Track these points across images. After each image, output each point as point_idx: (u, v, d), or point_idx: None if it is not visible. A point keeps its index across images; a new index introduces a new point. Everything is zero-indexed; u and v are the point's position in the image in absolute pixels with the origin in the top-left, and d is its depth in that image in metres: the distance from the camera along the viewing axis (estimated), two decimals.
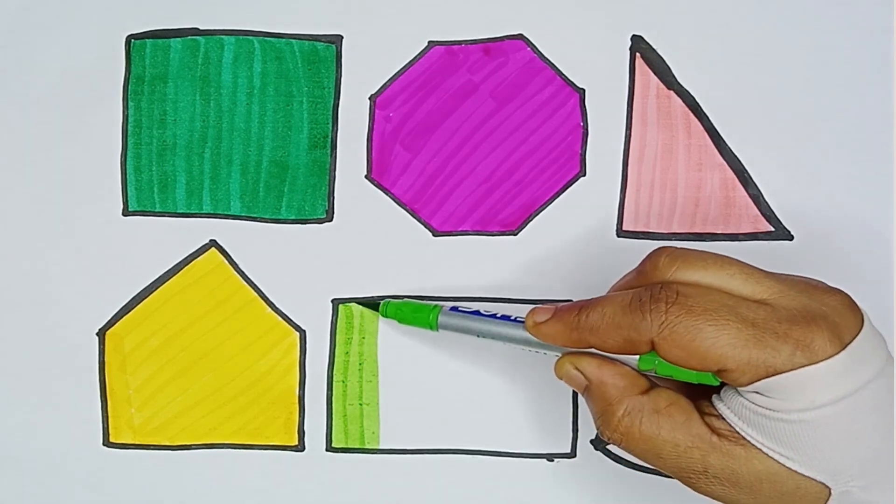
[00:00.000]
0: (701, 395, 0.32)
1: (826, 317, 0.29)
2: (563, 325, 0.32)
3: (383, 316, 0.39)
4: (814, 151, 0.40)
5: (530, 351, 0.35)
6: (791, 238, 0.40)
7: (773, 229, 0.40)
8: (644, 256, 0.32)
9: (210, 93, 0.41)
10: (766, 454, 0.29)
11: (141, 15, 0.40)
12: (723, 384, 0.31)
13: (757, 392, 0.29)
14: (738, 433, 0.29)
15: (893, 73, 0.40)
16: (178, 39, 0.41)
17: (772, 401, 0.29)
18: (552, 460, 0.41)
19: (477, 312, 0.36)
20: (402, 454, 0.41)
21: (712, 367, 0.29)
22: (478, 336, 0.36)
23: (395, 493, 0.41)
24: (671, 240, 0.40)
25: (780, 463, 0.29)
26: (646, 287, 0.31)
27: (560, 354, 0.33)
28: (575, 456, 0.41)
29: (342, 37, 0.40)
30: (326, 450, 0.41)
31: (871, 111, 0.40)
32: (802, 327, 0.28)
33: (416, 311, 0.38)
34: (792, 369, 0.28)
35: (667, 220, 0.40)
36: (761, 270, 0.31)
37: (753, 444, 0.29)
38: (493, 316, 0.36)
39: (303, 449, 0.41)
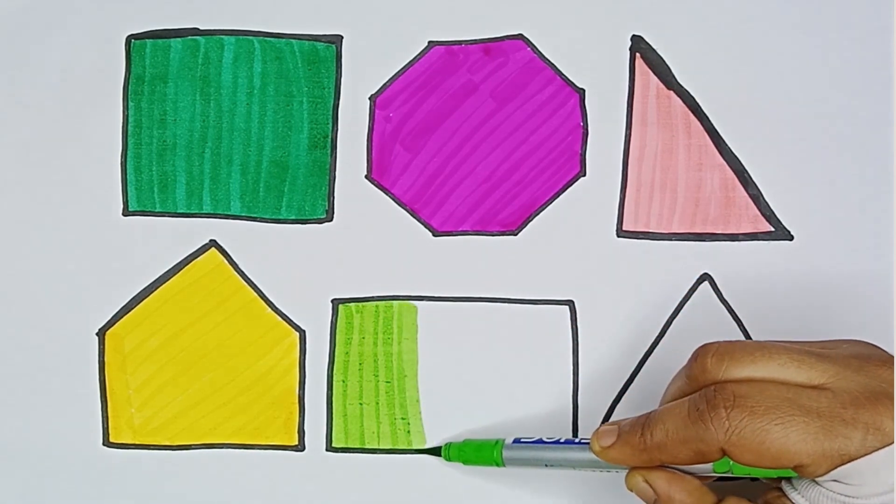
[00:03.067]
0: (771, 483, 0.32)
1: (888, 394, 0.29)
2: (631, 448, 0.32)
3: (446, 459, 0.39)
4: (814, 151, 0.40)
5: (600, 472, 0.35)
6: (791, 238, 0.40)
7: (773, 229, 0.40)
8: (689, 358, 0.32)
9: (210, 93, 0.41)
10: None
11: (141, 15, 0.40)
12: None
13: (835, 480, 0.29)
14: None
15: (893, 73, 0.40)
16: (178, 39, 0.41)
17: (849, 487, 0.28)
18: None
19: (540, 441, 0.36)
20: (402, 454, 0.41)
21: (787, 465, 0.29)
22: (545, 466, 0.36)
23: (395, 493, 0.41)
24: (671, 240, 0.40)
25: None
26: (700, 393, 0.31)
27: (628, 471, 0.33)
28: None
29: (342, 37, 0.40)
30: (326, 450, 0.41)
31: (871, 111, 0.40)
32: (869, 410, 0.28)
33: (479, 450, 0.38)
34: (866, 454, 0.28)
35: (667, 220, 0.40)
36: (809, 352, 0.30)
37: None
38: (557, 442, 0.36)
39: (303, 449, 0.41)
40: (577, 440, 0.35)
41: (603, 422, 0.40)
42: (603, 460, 0.34)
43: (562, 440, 0.36)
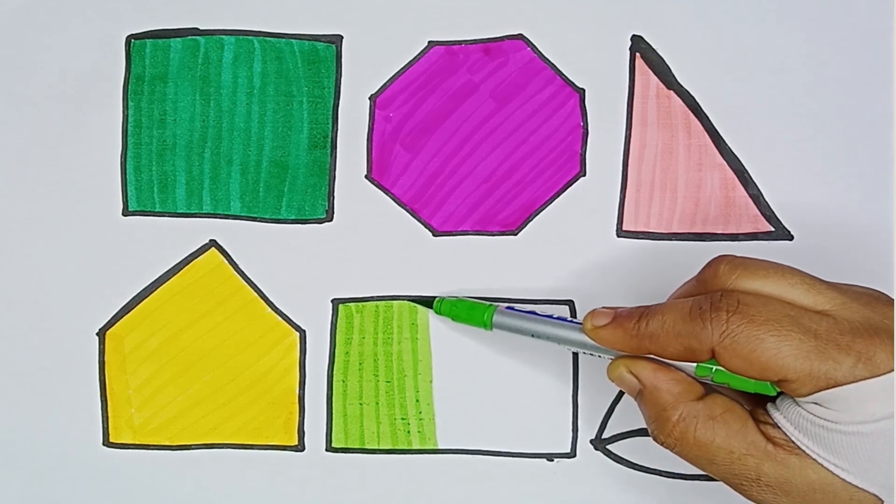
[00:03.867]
0: (755, 403, 0.32)
1: (888, 330, 0.29)
2: (623, 332, 0.32)
3: (437, 313, 0.39)
4: (814, 151, 0.40)
5: (584, 353, 0.35)
6: (791, 238, 0.40)
7: (773, 229, 0.40)
8: (704, 264, 0.32)
9: (210, 93, 0.41)
10: (821, 465, 0.29)
11: (141, 15, 0.40)
12: (779, 393, 0.30)
13: (815, 403, 0.29)
14: (793, 443, 0.29)
15: (893, 73, 0.40)
16: (178, 39, 0.41)
17: (830, 412, 0.29)
18: (552, 460, 0.41)
19: (532, 313, 0.36)
20: (402, 454, 0.41)
21: (772, 378, 0.29)
22: (532, 336, 0.36)
23: (394, 493, 0.41)
24: (671, 240, 0.40)
25: (834, 474, 0.29)
26: (706, 295, 0.31)
27: (613, 357, 0.33)
28: (575, 456, 0.41)
29: (342, 37, 0.40)
30: (326, 450, 0.41)
31: (871, 111, 0.40)
32: (865, 340, 0.28)
33: (471, 310, 0.38)
34: (853, 381, 0.28)
35: (667, 220, 0.40)
36: (822, 281, 0.31)
37: (809, 455, 0.29)
38: (549, 317, 0.36)
39: (303, 449, 0.41)
40: (569, 319, 0.35)
41: (603, 422, 0.40)
42: (592, 340, 0.33)
43: (555, 315, 0.36)
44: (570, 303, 0.40)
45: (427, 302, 0.40)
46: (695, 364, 0.31)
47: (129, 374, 0.41)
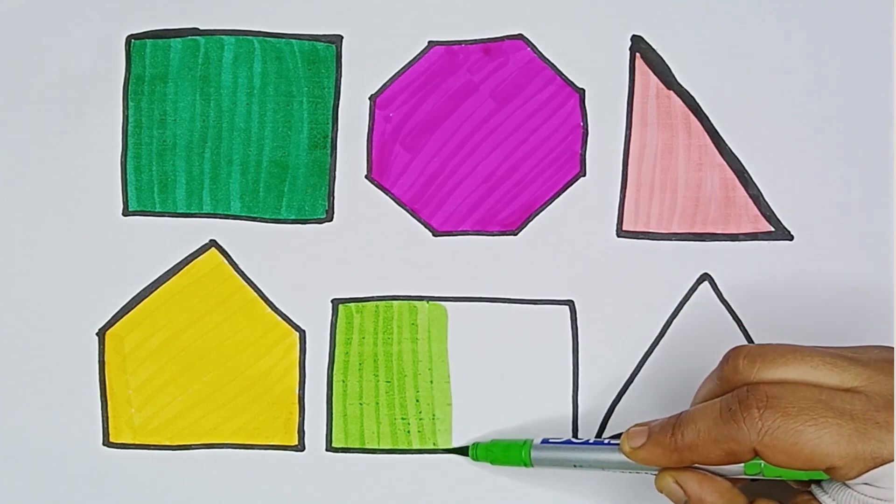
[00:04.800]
0: (802, 484, 0.32)
1: None
2: (662, 449, 0.32)
3: (473, 459, 0.39)
4: (814, 151, 0.40)
5: (630, 473, 0.35)
6: (791, 238, 0.40)
7: (773, 229, 0.40)
8: (720, 361, 0.32)
9: (210, 93, 0.41)
10: None
11: (141, 15, 0.40)
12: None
13: (866, 483, 0.29)
14: None
15: (893, 73, 0.40)
16: (178, 39, 0.41)
17: (880, 490, 0.29)
18: None
19: (569, 441, 0.36)
20: (402, 454, 0.41)
21: (819, 467, 0.29)
22: (574, 467, 0.36)
23: (394, 493, 0.41)
24: (671, 240, 0.40)
25: None
26: (732, 394, 0.30)
27: (658, 471, 0.33)
28: None
29: (342, 37, 0.40)
30: (326, 450, 0.41)
31: (871, 111, 0.40)
32: None
33: (507, 450, 0.38)
34: None
35: (667, 220, 0.40)
36: (842, 356, 0.30)
37: None
38: (586, 442, 0.36)
39: (303, 449, 0.41)
40: (606, 441, 0.35)
41: (603, 422, 0.40)
42: (633, 461, 0.33)
43: (591, 441, 0.36)
44: (570, 303, 0.40)
45: (462, 451, 0.40)
46: (742, 467, 0.31)
47: (129, 374, 0.41)
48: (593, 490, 0.40)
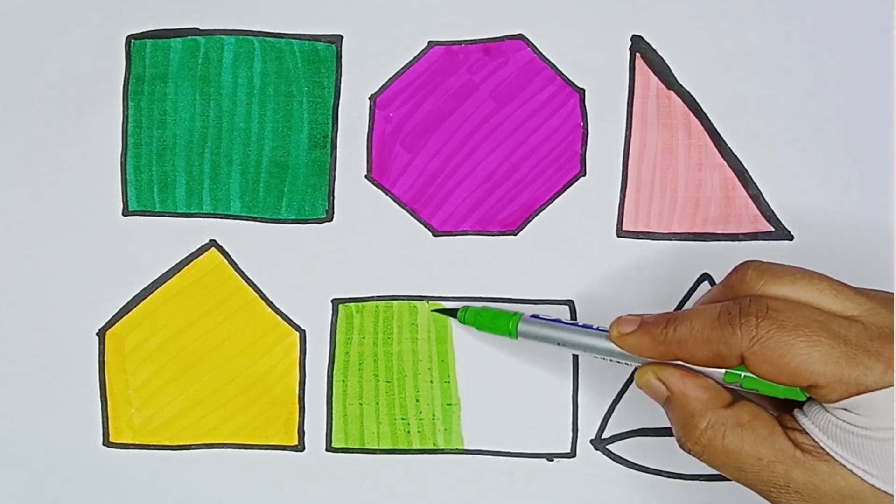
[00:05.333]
0: (782, 410, 0.31)
1: None
2: (650, 338, 0.32)
3: (461, 322, 0.39)
4: (814, 151, 0.40)
5: (610, 360, 0.35)
6: (791, 238, 0.40)
7: (773, 229, 0.40)
8: (730, 270, 0.32)
9: (210, 93, 0.41)
10: (850, 471, 0.29)
11: (141, 15, 0.40)
12: (808, 399, 0.30)
13: (845, 409, 0.29)
14: (822, 449, 0.29)
15: (893, 73, 0.40)
16: (178, 39, 0.41)
17: (859, 418, 0.29)
18: (552, 460, 0.41)
19: (558, 321, 0.36)
20: (402, 454, 0.41)
21: (802, 383, 0.29)
22: (558, 344, 0.36)
23: (394, 493, 0.41)
24: (671, 240, 0.40)
25: (863, 480, 0.29)
26: (734, 301, 0.31)
27: (640, 364, 0.33)
28: (575, 456, 0.41)
29: (342, 37, 0.40)
30: (326, 450, 0.41)
31: (871, 111, 0.40)
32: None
33: (496, 318, 0.38)
34: (883, 387, 0.28)
35: (667, 220, 0.40)
36: (850, 286, 0.30)
37: (838, 461, 0.29)
38: (575, 324, 0.36)
39: (303, 449, 0.41)
40: (595, 326, 0.35)
41: (603, 421, 0.40)
42: (619, 347, 0.33)
43: (580, 324, 0.36)
44: (570, 303, 0.40)
45: (451, 312, 0.40)
46: (723, 371, 0.31)
47: (129, 374, 0.41)
48: (605, 490, 0.40)
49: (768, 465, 0.30)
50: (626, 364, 0.34)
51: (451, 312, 0.40)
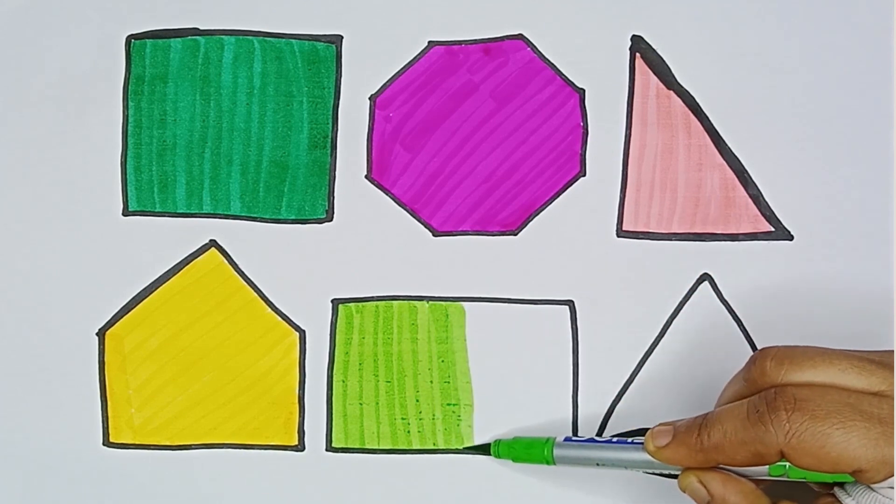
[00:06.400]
0: (826, 485, 0.31)
1: None
2: (687, 449, 0.32)
3: (496, 457, 0.39)
4: (814, 151, 0.40)
5: (650, 473, 0.35)
6: (791, 238, 0.40)
7: (773, 229, 0.40)
8: (747, 362, 0.32)
9: (210, 93, 0.41)
10: None
11: (141, 15, 0.40)
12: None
13: (891, 487, 0.29)
14: None
15: (893, 73, 0.40)
16: (178, 39, 0.41)
17: None
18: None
19: (591, 440, 0.36)
20: (402, 454, 0.41)
21: (846, 470, 0.29)
22: (597, 465, 0.35)
23: (394, 493, 0.41)
24: (671, 240, 0.40)
25: None
26: (760, 395, 0.30)
27: (681, 472, 0.33)
28: None
29: (342, 37, 0.40)
30: (326, 450, 0.41)
31: (871, 111, 0.40)
32: None
33: (529, 448, 0.38)
34: None
35: (667, 220, 0.40)
36: (869, 359, 0.30)
37: None
38: (609, 441, 0.35)
39: (303, 449, 0.41)
40: (630, 440, 0.35)
41: (603, 422, 0.40)
42: (657, 460, 0.33)
43: (614, 440, 0.35)
44: (570, 303, 0.40)
45: (484, 449, 0.40)
46: (767, 469, 0.31)
47: (129, 374, 0.41)
48: (600, 489, 0.40)
49: None
50: (670, 474, 0.34)
51: (484, 450, 0.40)
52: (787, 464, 0.31)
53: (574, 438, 0.37)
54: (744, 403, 0.31)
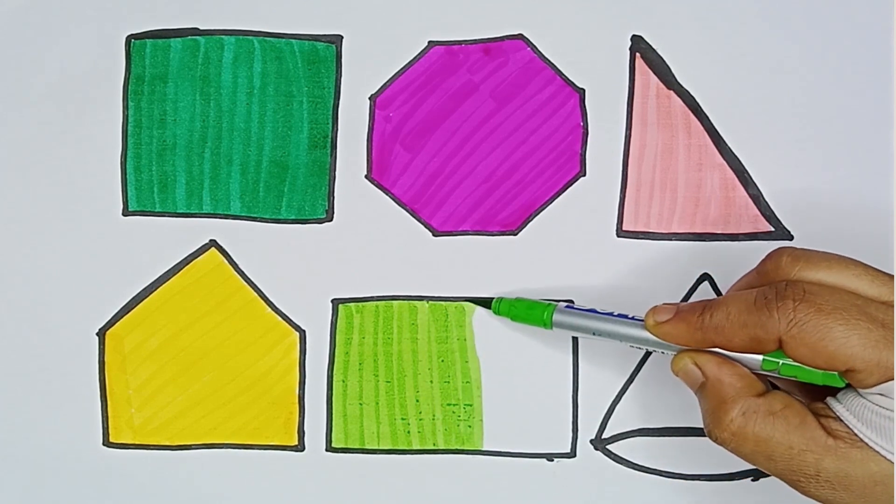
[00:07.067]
0: (816, 398, 0.31)
1: None
2: (687, 325, 0.32)
3: (496, 313, 0.39)
4: (814, 151, 0.40)
5: (647, 349, 0.35)
6: (791, 238, 0.40)
7: (773, 229, 0.40)
8: (763, 257, 0.32)
9: (210, 93, 0.41)
10: (884, 457, 0.29)
11: (141, 15, 0.40)
12: (844, 387, 0.30)
13: (881, 394, 0.29)
14: (855, 435, 0.29)
15: (893, 73, 0.40)
16: (178, 39, 0.41)
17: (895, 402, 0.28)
18: (552, 460, 0.41)
19: (592, 310, 0.36)
20: (402, 454, 0.41)
21: (840, 367, 0.29)
22: (593, 335, 0.36)
23: (394, 493, 0.41)
24: (671, 240, 0.40)
25: None
26: (771, 285, 0.30)
27: (676, 352, 0.33)
28: (575, 456, 0.41)
29: (342, 37, 0.40)
30: (326, 450, 0.41)
31: (871, 111, 0.40)
32: None
33: (530, 309, 0.38)
34: None
35: (667, 220, 0.40)
36: (885, 273, 0.31)
37: (871, 447, 0.29)
38: (610, 314, 0.36)
39: (303, 449, 0.41)
40: (630, 315, 0.35)
41: (603, 422, 0.40)
42: (654, 336, 0.33)
43: (615, 313, 0.36)
44: (570, 303, 0.40)
45: (485, 302, 0.40)
46: (760, 359, 0.31)
47: (129, 374, 0.41)
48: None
49: (799, 454, 0.30)
50: (663, 353, 0.34)
51: (486, 303, 0.40)
52: (781, 361, 0.31)
53: (575, 306, 0.37)
54: (753, 291, 0.31)
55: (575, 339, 0.40)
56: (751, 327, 0.30)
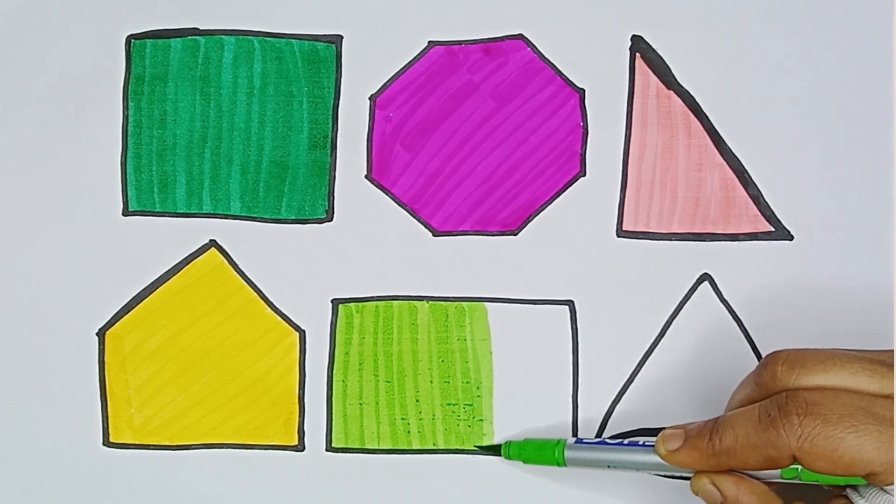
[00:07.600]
0: (839, 487, 0.31)
1: None
2: (699, 453, 0.32)
3: (506, 458, 0.39)
4: (814, 151, 0.40)
5: (660, 475, 0.35)
6: (791, 238, 0.40)
7: (773, 229, 0.40)
8: (757, 365, 0.32)
9: (210, 93, 0.41)
10: None
11: (141, 15, 0.40)
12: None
13: None
14: None
15: (893, 73, 0.40)
16: (178, 39, 0.41)
17: None
18: None
19: (602, 442, 0.36)
20: (402, 454, 0.41)
21: (859, 474, 0.29)
22: (608, 467, 0.35)
23: (394, 493, 0.41)
24: (671, 240, 0.40)
25: None
26: (771, 400, 0.30)
27: (692, 473, 0.33)
28: None
29: (342, 37, 0.40)
30: (326, 450, 0.41)
31: (871, 111, 0.40)
32: None
33: (540, 449, 0.38)
34: None
35: (667, 220, 0.40)
36: (881, 361, 0.30)
37: None
38: (620, 443, 0.35)
39: (303, 449, 0.41)
40: (641, 442, 0.35)
41: (603, 422, 0.40)
42: (668, 464, 0.33)
43: (625, 442, 0.35)
44: (570, 303, 0.40)
45: (495, 450, 0.40)
46: (779, 472, 0.31)
47: (129, 374, 0.41)
48: (605, 489, 0.40)
49: None
50: (681, 476, 0.34)
51: (495, 450, 0.40)
52: (800, 467, 0.31)
53: (585, 440, 0.37)
54: (755, 407, 0.31)
55: (575, 340, 0.40)
56: (762, 448, 0.30)
